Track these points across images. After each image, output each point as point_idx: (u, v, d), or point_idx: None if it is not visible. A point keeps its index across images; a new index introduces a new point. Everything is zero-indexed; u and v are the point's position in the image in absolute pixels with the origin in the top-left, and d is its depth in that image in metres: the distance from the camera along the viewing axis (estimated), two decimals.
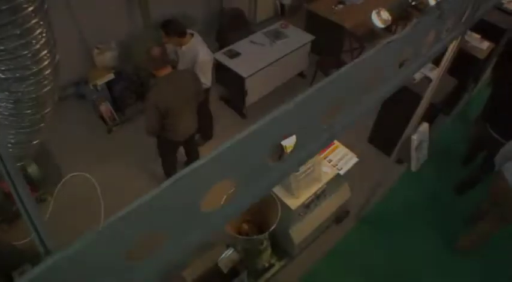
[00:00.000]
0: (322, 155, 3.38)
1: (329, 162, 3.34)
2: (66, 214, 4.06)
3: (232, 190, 1.23)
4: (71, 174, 4.43)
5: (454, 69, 4.39)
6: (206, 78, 3.91)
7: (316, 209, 3.50)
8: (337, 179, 3.40)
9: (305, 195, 3.11)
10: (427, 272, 3.90)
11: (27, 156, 2.90)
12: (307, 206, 3.24)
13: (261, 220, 3.22)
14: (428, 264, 3.95)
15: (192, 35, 3.87)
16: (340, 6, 5.77)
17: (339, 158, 3.37)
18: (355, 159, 3.38)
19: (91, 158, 4.70)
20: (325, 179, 3.21)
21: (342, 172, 3.28)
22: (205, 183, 1.03)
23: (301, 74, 5.67)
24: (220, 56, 4.81)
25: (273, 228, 2.88)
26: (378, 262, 3.94)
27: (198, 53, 3.78)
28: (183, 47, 3.86)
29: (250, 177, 1.26)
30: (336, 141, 3.51)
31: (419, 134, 3.04)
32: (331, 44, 5.67)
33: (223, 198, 2.05)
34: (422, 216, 4.34)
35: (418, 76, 4.22)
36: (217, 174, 1.07)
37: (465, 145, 4.92)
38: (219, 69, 4.99)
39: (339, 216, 4.09)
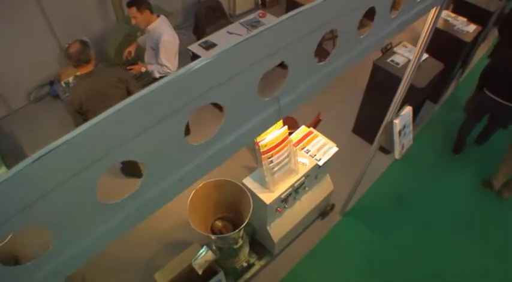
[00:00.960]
0: (299, 146, 3.10)
1: (306, 153, 3.06)
2: None
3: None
4: None
5: (440, 53, 4.18)
6: (169, 62, 3.69)
7: (296, 203, 3.22)
8: (316, 171, 3.12)
9: (281, 189, 2.84)
10: (419, 268, 3.63)
11: None
12: (284, 201, 2.96)
13: (236, 217, 2.94)
14: (420, 259, 3.68)
15: (159, 16, 3.66)
16: None
17: (317, 148, 3.09)
18: (334, 149, 3.10)
19: None
20: (302, 171, 2.94)
21: (320, 163, 3.00)
22: None
23: (282, 66, 5.38)
24: (196, 48, 4.53)
25: (244, 225, 2.60)
26: (367, 258, 3.67)
27: (162, 32, 3.58)
28: (150, 27, 3.64)
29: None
30: (314, 131, 3.24)
31: (402, 118, 2.76)
32: None
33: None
34: (412, 207, 4.06)
35: (401, 61, 3.95)
36: None
37: (453, 133, 4.66)
38: None
39: (324, 211, 3.82)
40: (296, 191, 3.03)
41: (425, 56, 4.06)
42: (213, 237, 2.72)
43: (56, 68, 5.02)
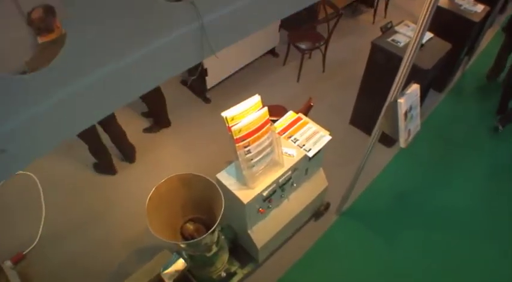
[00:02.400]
0: (285, 135, 2.55)
1: (294, 143, 2.51)
2: (7, 213, 3.50)
3: None
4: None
5: (447, 35, 3.64)
6: None
7: (282, 203, 2.67)
8: (306, 164, 2.57)
9: (262, 185, 2.29)
10: (425, 274, 3.07)
11: None
12: (267, 199, 2.41)
13: (210, 219, 2.38)
14: (425, 264, 3.12)
15: None
16: None
17: (306, 137, 2.54)
18: (327, 138, 2.55)
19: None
20: (289, 164, 2.38)
21: (310, 154, 2.45)
22: None
23: (273, 53, 4.84)
24: None
25: (213, 229, 2.04)
26: (366, 264, 3.11)
27: None
28: None
29: None
30: (303, 117, 2.68)
31: (408, 98, 2.21)
32: (304, 15, 4.84)
33: None
34: (416, 206, 3.50)
35: (403, 40, 3.39)
36: None
37: (460, 125, 4.11)
38: None
39: (317, 211, 3.26)
40: (282, 187, 2.47)
41: (430, 35, 3.51)
42: (179, 243, 2.17)
43: None
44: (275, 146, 2.28)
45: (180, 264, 2.37)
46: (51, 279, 3.02)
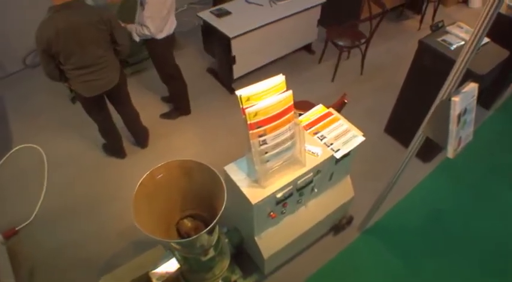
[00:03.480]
0: (311, 130, 2.13)
1: (320, 140, 2.08)
2: (9, 187, 3.27)
3: None
4: (19, 146, 3.48)
5: (505, 41, 3.11)
6: (152, 23, 2.84)
7: (299, 209, 2.24)
8: (332, 167, 2.13)
9: (277, 185, 1.87)
10: None
11: None
12: (282, 203, 1.98)
13: (212, 217, 1.99)
14: None
15: None
16: None
17: (336, 135, 2.10)
18: (360, 138, 2.10)
19: (47, 129, 3.68)
20: (311, 164, 1.96)
21: (338, 155, 2.01)
22: None
23: (308, 49, 4.42)
24: (206, 15, 3.65)
25: (210, 228, 1.64)
26: None
27: None
28: None
29: None
30: (334, 112, 2.25)
31: (463, 97, 1.74)
32: (346, 11, 4.40)
33: None
34: (451, 230, 2.96)
35: (455, 42, 2.89)
36: None
37: (509, 148, 3.53)
38: (206, 34, 3.84)
39: (338, 224, 2.80)
40: (300, 191, 2.04)
41: (486, 39, 3.00)
42: (169, 242, 1.78)
43: None
44: (297, 140, 1.86)
45: (172, 265, 1.98)
46: (38, 261, 2.71)
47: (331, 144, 2.06)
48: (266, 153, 1.76)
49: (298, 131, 1.85)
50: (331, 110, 2.27)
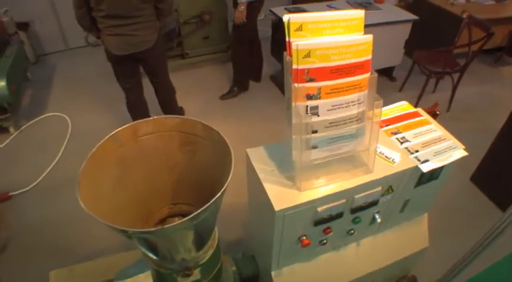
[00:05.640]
0: (388, 128, 1.36)
1: (400, 144, 1.29)
2: (25, 149, 2.91)
3: None
4: (51, 113, 3.13)
5: None
6: None
7: (347, 244, 1.43)
8: (409, 189, 1.32)
9: (320, 192, 1.10)
10: None
11: None
12: (322, 225, 1.20)
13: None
14: None
15: None
16: (461, 0, 3.75)
17: (423, 142, 1.31)
18: (460, 152, 1.28)
19: (82, 102, 3.32)
20: (382, 173, 1.17)
21: (425, 167, 1.20)
22: None
23: (389, 75, 3.67)
24: (280, 11, 3.12)
25: (200, 211, 0.88)
26: None
27: None
28: None
29: None
30: (423, 113, 1.46)
31: None
32: (438, 36, 3.63)
33: None
34: None
35: None
36: None
37: None
38: (276, 32, 3.34)
39: None
40: (356, 214, 1.25)
41: None
42: (122, 229, 1.06)
43: None
44: (368, 128, 1.11)
45: (141, 279, 1.27)
46: (15, 233, 2.18)
47: (416, 151, 1.26)
48: (315, 131, 1.03)
49: (370, 116, 1.10)
50: (419, 110, 1.49)
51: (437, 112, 1.79)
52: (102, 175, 1.02)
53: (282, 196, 1.07)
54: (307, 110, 0.99)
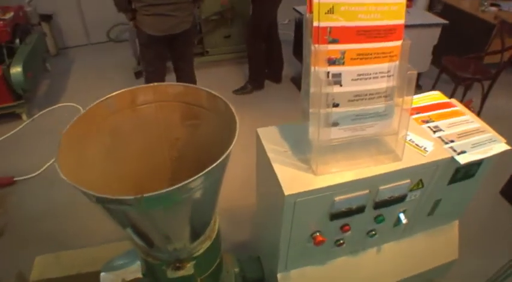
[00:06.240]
0: (418, 116, 1.19)
1: (432, 133, 1.12)
2: (35, 138, 2.81)
3: None
4: (65, 103, 3.10)
5: None
6: None
7: (366, 249, 1.25)
8: (443, 185, 1.14)
9: (340, 178, 0.94)
10: None
11: None
12: (339, 219, 1.03)
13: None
14: None
15: None
16: (492, 8, 3.54)
17: (460, 132, 1.13)
18: (501, 146, 1.09)
19: (98, 95, 3.22)
20: (412, 162, 1.00)
21: (462, 159, 1.03)
22: None
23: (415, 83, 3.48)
24: (303, 9, 3.02)
25: (196, 177, 0.74)
26: None
27: None
28: None
29: None
30: (457, 104, 1.29)
31: None
32: (470, 43, 3.43)
33: None
34: None
35: None
36: None
37: None
38: (299, 31, 3.24)
39: None
40: (379, 211, 1.07)
41: None
42: (96, 196, 0.93)
43: None
44: (398, 108, 0.95)
45: (133, 270, 1.13)
46: (13, 221, 2.07)
47: (451, 141, 1.09)
48: (336, 105, 0.87)
49: (403, 92, 0.94)
50: (453, 100, 1.31)
51: (471, 109, 1.61)
52: (91, 143, 0.89)
53: (294, 179, 0.92)
54: (328, 77, 0.84)
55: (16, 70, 2.74)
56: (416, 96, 1.30)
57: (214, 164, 0.72)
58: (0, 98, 2.74)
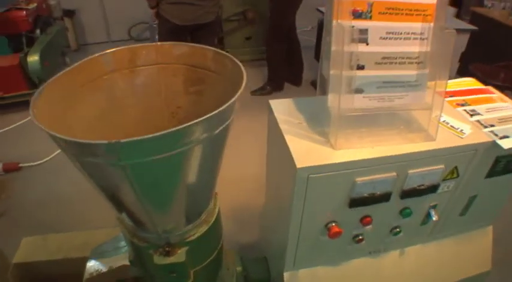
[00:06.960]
0: (453, 99, 1.05)
1: (469, 116, 0.98)
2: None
3: None
4: None
5: None
6: None
7: (388, 249, 1.10)
8: (480, 182, 0.98)
9: (362, 154, 0.80)
10: None
11: None
12: (359, 207, 0.90)
13: None
14: None
15: None
16: None
17: (500, 117, 0.98)
18: None
19: None
20: (447, 143, 0.86)
21: (506, 144, 0.87)
22: None
23: None
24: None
25: (190, 124, 0.63)
26: None
27: None
28: None
29: None
30: (494, 91, 1.14)
31: None
32: (498, 51, 3.26)
33: None
34: None
35: None
36: None
37: None
38: (321, 33, 3.12)
39: None
40: (406, 201, 0.93)
41: None
42: (70, 140, 0.81)
43: None
44: (430, 78, 0.82)
45: (121, 258, 1.01)
46: (12, 207, 2.01)
47: (491, 125, 0.94)
48: (361, 67, 0.75)
49: (431, 59, 0.81)
50: (490, 88, 1.16)
51: None
52: (83, 101, 0.80)
53: (308, 152, 0.79)
54: (352, 34, 0.72)
55: (33, 58, 2.74)
56: (449, 82, 1.16)
57: (216, 111, 0.60)
58: (16, 86, 2.74)
